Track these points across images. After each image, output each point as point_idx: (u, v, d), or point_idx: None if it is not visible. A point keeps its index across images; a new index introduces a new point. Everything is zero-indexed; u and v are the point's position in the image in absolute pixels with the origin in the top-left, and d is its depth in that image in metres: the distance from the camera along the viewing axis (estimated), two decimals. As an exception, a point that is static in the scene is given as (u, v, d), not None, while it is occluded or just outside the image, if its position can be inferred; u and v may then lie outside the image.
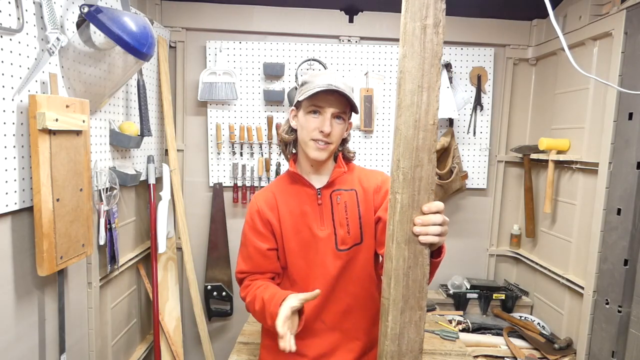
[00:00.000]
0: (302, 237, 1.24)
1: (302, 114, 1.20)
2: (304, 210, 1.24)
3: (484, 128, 2.46)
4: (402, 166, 0.85)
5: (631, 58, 1.71)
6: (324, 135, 1.16)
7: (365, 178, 1.29)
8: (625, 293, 1.71)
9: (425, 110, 0.84)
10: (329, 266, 1.23)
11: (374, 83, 2.38)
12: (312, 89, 1.15)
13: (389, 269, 0.89)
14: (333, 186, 1.25)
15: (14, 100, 1.21)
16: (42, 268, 1.25)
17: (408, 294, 0.89)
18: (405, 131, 0.84)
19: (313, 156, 1.19)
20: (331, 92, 1.14)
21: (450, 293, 2.43)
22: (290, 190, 1.27)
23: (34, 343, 1.36)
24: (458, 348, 1.72)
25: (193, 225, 2.43)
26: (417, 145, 0.84)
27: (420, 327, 0.91)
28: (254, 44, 2.33)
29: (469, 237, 2.58)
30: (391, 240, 0.89)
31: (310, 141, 1.18)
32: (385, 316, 0.91)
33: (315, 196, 1.24)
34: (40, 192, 1.21)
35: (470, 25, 2.39)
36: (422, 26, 0.82)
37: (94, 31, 1.46)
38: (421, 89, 0.83)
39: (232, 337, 2.48)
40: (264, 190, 1.32)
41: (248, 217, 1.28)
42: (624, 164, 1.73)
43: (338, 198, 1.24)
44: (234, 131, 2.34)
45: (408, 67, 0.83)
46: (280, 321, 1.04)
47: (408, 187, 0.86)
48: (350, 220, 1.23)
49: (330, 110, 1.16)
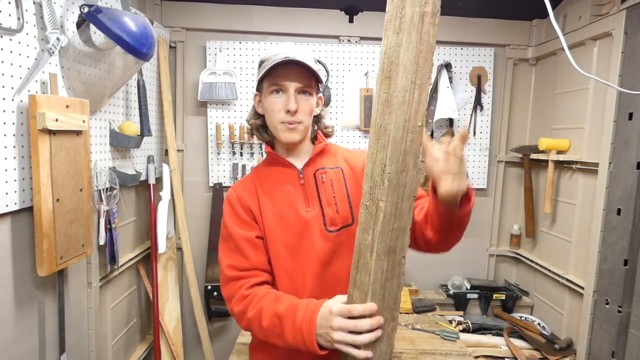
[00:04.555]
0: (285, 221, 1.11)
1: (264, 96, 1.10)
2: (286, 192, 1.12)
3: (484, 128, 2.46)
4: (388, 171, 0.77)
5: (631, 58, 1.71)
6: (290, 114, 1.06)
7: (350, 156, 1.21)
8: (625, 293, 1.71)
9: (415, 110, 0.76)
10: (319, 250, 1.09)
11: (374, 83, 2.38)
12: (268, 65, 1.05)
13: (365, 284, 0.83)
14: (315, 164, 1.15)
15: (14, 100, 1.21)
16: (42, 268, 1.25)
17: (383, 307, 0.83)
18: (394, 132, 0.76)
19: (285, 139, 1.09)
20: (289, 65, 1.03)
21: (451, 293, 2.42)
22: (268, 173, 1.16)
23: (34, 343, 1.36)
24: (458, 348, 1.72)
25: (193, 225, 2.43)
26: (404, 148, 0.77)
27: (392, 339, 0.87)
28: (254, 44, 2.33)
29: (469, 237, 2.54)
30: (369, 252, 0.82)
31: (280, 124, 1.08)
32: None
33: (297, 176, 1.14)
34: (40, 192, 1.21)
35: (470, 25, 2.39)
36: (420, 13, 0.73)
37: (94, 31, 1.46)
38: (414, 86, 0.75)
39: (232, 337, 2.48)
40: (241, 180, 1.21)
41: (227, 207, 1.15)
42: (624, 164, 1.73)
43: (323, 177, 1.14)
44: (234, 131, 2.34)
45: (402, 58, 0.74)
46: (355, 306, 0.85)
47: (393, 194, 0.78)
48: (338, 199, 1.12)
49: (293, 85, 1.05)
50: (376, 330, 0.84)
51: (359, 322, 0.83)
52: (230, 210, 1.14)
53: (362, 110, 2.37)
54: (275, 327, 0.96)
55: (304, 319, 0.92)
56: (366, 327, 0.83)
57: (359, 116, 2.37)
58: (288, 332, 0.94)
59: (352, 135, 2.42)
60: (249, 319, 1.02)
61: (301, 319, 0.92)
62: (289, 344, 0.94)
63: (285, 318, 0.95)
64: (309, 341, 0.90)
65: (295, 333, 0.92)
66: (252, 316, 1.01)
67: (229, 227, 1.13)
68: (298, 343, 0.92)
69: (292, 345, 0.94)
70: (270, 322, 0.97)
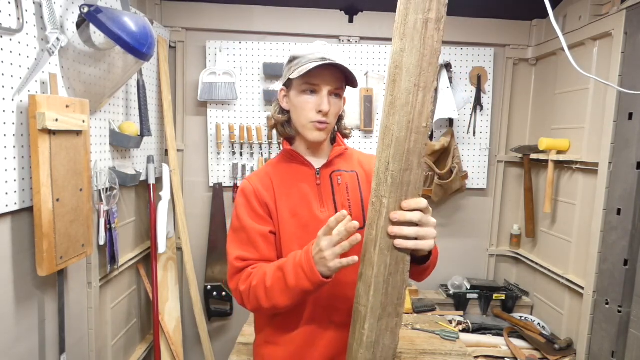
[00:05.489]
0: (300, 219, 1.11)
1: (294, 93, 1.09)
2: (302, 190, 1.12)
3: (484, 128, 2.46)
4: (391, 169, 0.81)
5: (631, 58, 1.71)
6: (322, 114, 1.06)
7: (365, 161, 1.21)
8: (625, 293, 1.71)
9: (419, 111, 0.80)
10: None
11: (374, 83, 2.38)
12: (304, 64, 1.03)
13: (369, 276, 0.85)
14: (332, 166, 1.16)
15: (14, 101, 1.21)
16: (42, 268, 1.25)
17: (387, 301, 0.85)
18: (397, 132, 0.80)
19: (313, 138, 1.09)
20: (326, 67, 1.02)
21: (451, 293, 2.42)
22: (286, 170, 1.16)
23: (34, 343, 1.36)
24: (458, 348, 1.72)
25: (193, 225, 2.43)
26: (408, 147, 0.80)
27: (396, 334, 0.88)
28: (254, 44, 2.33)
29: (469, 237, 2.58)
30: (373, 246, 0.84)
31: (310, 123, 1.07)
32: (361, 324, 0.87)
33: (314, 176, 1.14)
34: (40, 192, 1.21)
35: (470, 25, 2.39)
36: (424, 19, 0.76)
37: (94, 31, 1.46)
38: (417, 88, 0.79)
39: (232, 337, 2.48)
40: (256, 172, 1.19)
41: (242, 199, 1.12)
42: (624, 164, 1.73)
43: (339, 179, 1.14)
44: (234, 131, 2.34)
45: (406, 63, 0.78)
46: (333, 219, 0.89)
47: (396, 191, 0.81)
48: (352, 202, 1.13)
49: (327, 88, 1.05)
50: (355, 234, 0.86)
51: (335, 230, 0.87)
52: (245, 202, 1.12)
53: (362, 110, 2.37)
54: (279, 280, 0.97)
55: (301, 255, 0.95)
56: (343, 232, 0.86)
57: (359, 116, 2.37)
58: (290, 276, 0.95)
59: (352, 135, 2.41)
60: (254, 288, 1.02)
61: (299, 257, 0.95)
62: (293, 288, 0.95)
63: (286, 264, 0.97)
64: (309, 269, 0.91)
65: (296, 270, 0.94)
66: (257, 283, 1.01)
67: (243, 220, 1.11)
68: (300, 280, 0.93)
69: (296, 289, 0.94)
70: (274, 277, 0.99)
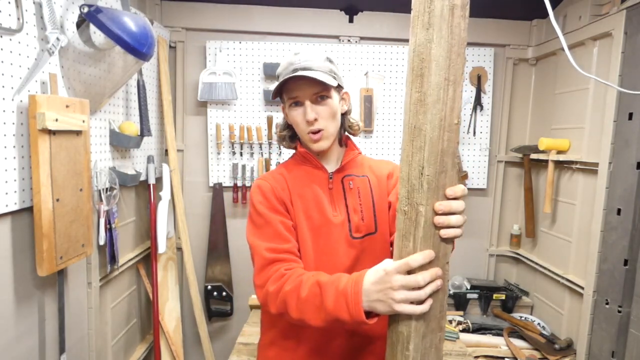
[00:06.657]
0: (313, 222, 1.10)
1: (287, 108, 1.11)
2: (315, 193, 1.12)
3: (484, 128, 2.46)
4: (426, 173, 0.73)
5: (631, 58, 1.71)
6: (309, 124, 1.06)
7: (376, 166, 1.22)
8: (625, 293, 1.71)
9: (450, 107, 0.73)
10: (342, 256, 1.09)
11: (373, 83, 2.38)
12: (280, 80, 1.05)
13: None
14: (344, 170, 1.16)
15: (14, 100, 1.21)
16: (42, 268, 1.25)
17: (429, 316, 0.77)
18: (430, 132, 0.72)
19: (314, 149, 1.11)
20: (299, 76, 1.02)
21: (451, 293, 2.42)
22: (300, 171, 1.15)
23: (34, 343, 1.36)
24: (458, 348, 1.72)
25: (193, 225, 2.43)
26: (442, 148, 0.73)
27: (440, 349, 0.81)
28: (254, 44, 2.33)
29: (469, 237, 2.58)
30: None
31: (306, 135, 1.09)
32: (404, 345, 0.78)
33: (326, 180, 1.14)
34: (40, 192, 1.21)
35: (470, 25, 2.34)
36: (450, 5, 0.70)
37: (94, 31, 1.46)
38: (448, 82, 0.72)
39: (232, 337, 2.48)
40: (269, 172, 1.19)
41: (260, 197, 1.10)
42: (624, 164, 1.73)
43: (350, 183, 1.14)
44: (234, 131, 2.34)
45: (435, 54, 0.71)
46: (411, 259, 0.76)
47: (432, 197, 0.74)
48: (364, 207, 1.12)
49: (307, 95, 1.05)
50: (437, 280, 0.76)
51: (419, 275, 0.75)
52: (263, 200, 1.10)
53: (362, 110, 2.37)
54: (315, 296, 0.88)
55: (349, 283, 0.85)
56: (427, 279, 0.75)
57: (359, 116, 2.37)
58: (329, 298, 0.85)
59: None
60: (286, 294, 0.94)
61: (345, 283, 0.85)
62: (329, 312, 0.86)
63: (327, 285, 0.88)
64: (354, 305, 0.81)
65: (337, 297, 0.84)
66: (290, 290, 0.93)
67: (265, 214, 1.08)
68: (340, 310, 0.84)
69: (332, 315, 0.85)
70: (310, 291, 0.89)
